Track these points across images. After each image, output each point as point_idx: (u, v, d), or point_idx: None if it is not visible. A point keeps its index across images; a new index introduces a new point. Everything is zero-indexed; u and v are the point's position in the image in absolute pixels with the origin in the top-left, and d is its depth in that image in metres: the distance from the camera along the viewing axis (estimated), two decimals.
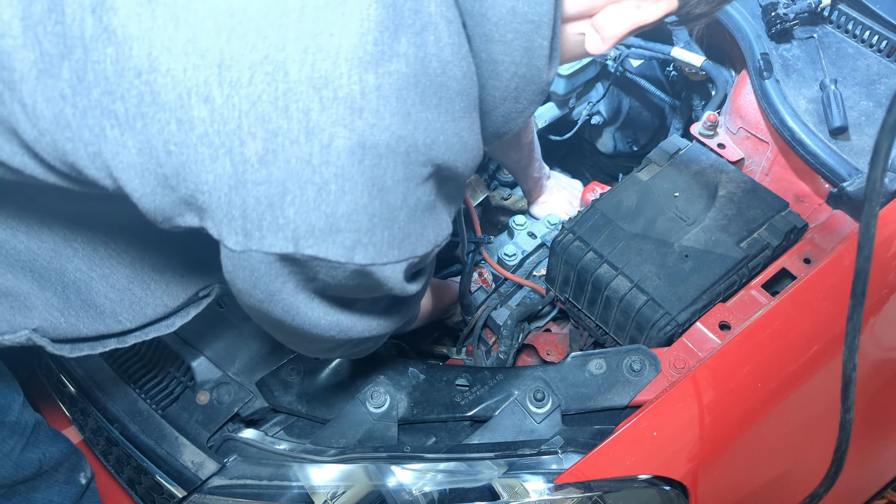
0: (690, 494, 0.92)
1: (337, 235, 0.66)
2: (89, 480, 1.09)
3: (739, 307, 1.02)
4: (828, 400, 0.90)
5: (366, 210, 0.65)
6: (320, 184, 0.63)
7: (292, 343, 0.88)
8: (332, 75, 0.61)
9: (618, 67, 1.55)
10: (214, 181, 0.63)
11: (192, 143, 0.62)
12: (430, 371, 1.09)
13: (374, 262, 0.69)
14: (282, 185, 0.63)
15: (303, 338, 0.81)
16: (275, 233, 0.65)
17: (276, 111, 0.61)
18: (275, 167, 0.62)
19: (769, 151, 1.23)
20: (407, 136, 0.64)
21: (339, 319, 0.78)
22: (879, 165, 0.58)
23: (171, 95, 0.61)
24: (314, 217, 0.64)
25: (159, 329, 0.95)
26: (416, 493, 0.93)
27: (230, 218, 0.65)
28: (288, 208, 0.64)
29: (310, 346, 0.86)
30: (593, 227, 1.12)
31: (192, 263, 0.93)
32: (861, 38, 1.25)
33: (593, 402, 0.99)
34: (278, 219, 0.64)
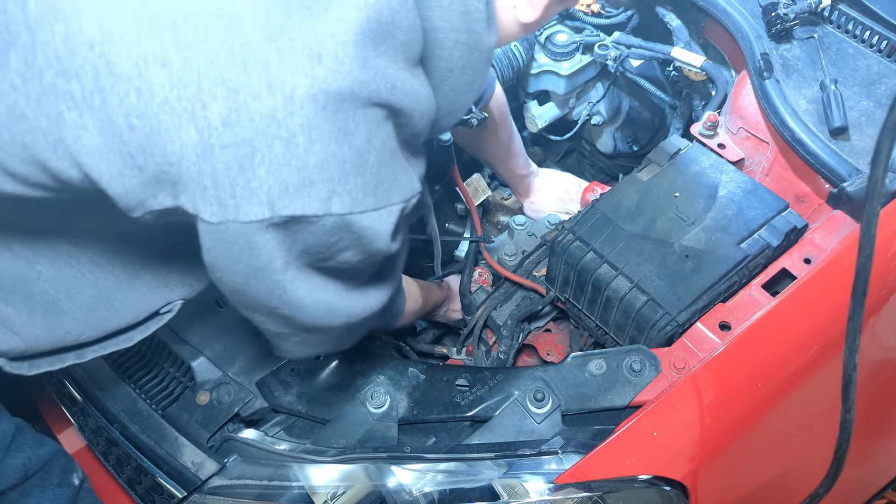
0: (690, 494, 0.92)
1: (311, 188, 0.64)
2: (82, 481, 1.09)
3: (739, 307, 1.02)
4: (828, 400, 0.90)
5: (335, 158, 0.64)
6: (287, 137, 0.62)
7: (279, 336, 0.85)
8: (286, 25, 0.60)
9: (618, 67, 1.55)
10: (181, 150, 0.61)
11: (154, 113, 0.60)
12: (430, 371, 1.09)
13: (351, 211, 0.67)
14: (249, 144, 0.61)
15: (289, 324, 0.80)
16: (249, 198, 0.63)
17: (234, 68, 0.60)
18: (240, 127, 0.61)
19: (769, 151, 1.23)
20: (368, 80, 0.64)
21: (324, 297, 0.77)
22: (880, 165, 0.58)
23: (127, 64, 0.59)
24: (286, 173, 0.63)
25: (118, 343, 0.93)
26: (416, 494, 0.93)
27: (202, 188, 0.63)
28: (258, 168, 0.62)
29: (296, 338, 0.85)
30: (593, 227, 1.12)
31: (156, 280, 0.91)
32: (861, 38, 1.25)
33: (593, 403, 0.98)
34: (251, 182, 0.63)
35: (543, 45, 1.59)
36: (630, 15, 1.56)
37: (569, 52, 1.57)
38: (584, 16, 1.57)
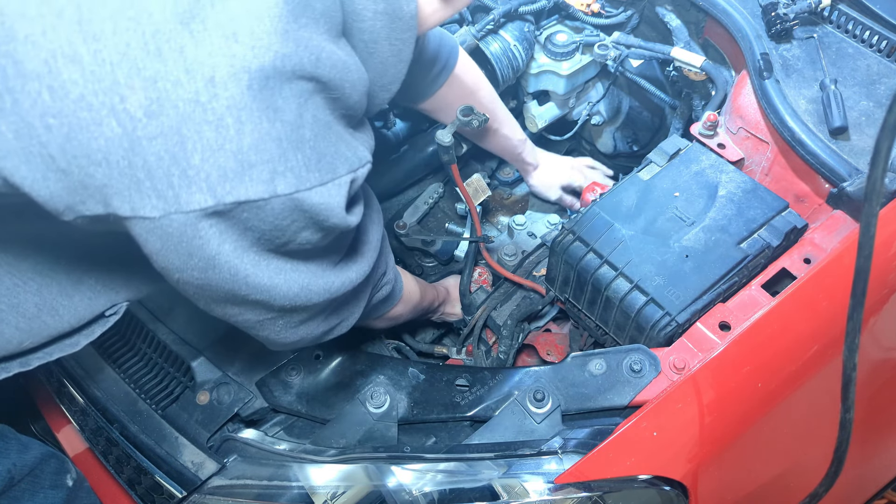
0: (690, 494, 0.92)
1: (252, 171, 0.63)
2: (76, 481, 1.09)
3: (739, 307, 1.02)
4: (828, 400, 0.90)
5: (270, 136, 0.63)
6: (216, 121, 0.60)
7: (262, 324, 0.82)
8: (195, 7, 0.59)
9: (618, 67, 1.55)
10: (106, 147, 0.59)
11: (71, 111, 0.58)
12: (430, 371, 1.09)
13: (297, 189, 0.65)
14: (177, 133, 0.60)
15: (267, 308, 0.77)
16: (188, 187, 0.61)
17: (148, 56, 0.58)
18: (164, 116, 0.59)
19: (769, 151, 1.23)
20: (290, 54, 0.62)
21: (295, 278, 0.75)
22: (880, 165, 0.58)
23: (35, 63, 0.57)
24: (222, 158, 0.61)
25: (63, 349, 0.91)
26: (416, 494, 0.93)
27: (137, 182, 0.61)
28: (192, 156, 0.60)
29: (281, 321, 0.82)
30: (593, 227, 1.12)
31: (101, 284, 0.89)
32: (861, 38, 1.25)
33: (593, 402, 0.99)
34: (187, 171, 0.61)
35: (543, 45, 1.59)
36: (630, 15, 1.56)
37: (569, 52, 1.57)
38: (584, 16, 1.57)
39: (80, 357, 1.20)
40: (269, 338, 0.86)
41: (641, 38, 1.50)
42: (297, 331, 0.86)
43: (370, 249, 0.89)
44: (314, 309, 0.82)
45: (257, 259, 0.70)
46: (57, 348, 0.91)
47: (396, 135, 1.71)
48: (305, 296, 0.77)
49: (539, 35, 1.59)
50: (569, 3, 1.56)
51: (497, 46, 1.48)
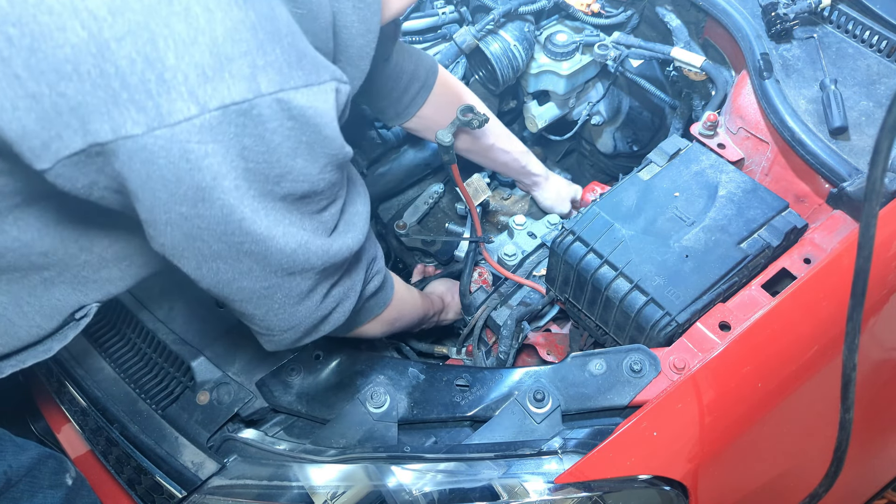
0: (690, 494, 0.92)
1: (230, 66, 0.59)
2: (76, 480, 1.08)
3: (739, 307, 1.02)
4: (828, 400, 0.90)
5: (244, 24, 0.59)
6: (183, 11, 0.57)
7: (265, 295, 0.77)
8: None
9: (618, 67, 1.55)
10: (74, 55, 0.55)
11: (31, 15, 0.54)
12: (430, 371, 1.09)
13: (282, 87, 0.61)
14: (146, 29, 0.56)
15: (264, 265, 0.72)
16: (168, 94, 0.57)
17: None
18: (129, 12, 0.56)
19: (769, 151, 1.23)
20: None
21: (291, 232, 0.70)
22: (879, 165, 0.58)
23: None
24: (197, 54, 0.58)
25: (36, 355, 0.88)
26: (416, 493, 0.93)
27: (113, 95, 0.57)
28: (166, 55, 0.57)
29: (282, 291, 0.77)
30: (593, 227, 1.12)
31: (70, 287, 0.85)
32: (861, 38, 1.25)
33: (593, 402, 0.99)
34: (163, 74, 0.57)
35: (543, 45, 1.59)
36: (630, 15, 1.56)
37: (569, 52, 1.57)
38: (584, 16, 1.57)
39: (81, 357, 1.20)
40: (267, 320, 0.82)
41: (641, 38, 1.50)
42: (297, 309, 0.82)
43: (362, 219, 0.86)
44: (312, 275, 0.78)
45: (254, 202, 0.66)
46: (30, 355, 0.87)
47: (397, 135, 1.71)
48: (303, 254, 0.73)
49: (539, 35, 1.59)
50: (569, 3, 1.56)
51: (497, 46, 1.48)
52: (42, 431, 1.35)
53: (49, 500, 1.01)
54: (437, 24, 1.59)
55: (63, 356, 1.21)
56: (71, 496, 1.05)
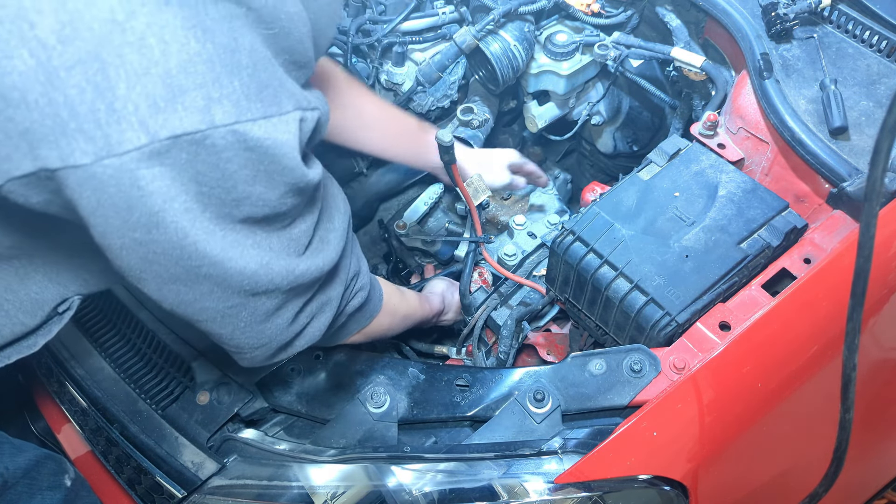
0: (690, 494, 0.92)
1: (184, 98, 0.58)
2: (75, 481, 1.08)
3: (739, 307, 1.02)
4: (828, 400, 0.90)
5: (200, 57, 0.58)
6: (136, 41, 0.55)
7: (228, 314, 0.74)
8: None
9: (618, 67, 1.55)
10: (22, 82, 0.54)
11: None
12: (430, 371, 1.09)
13: (238, 120, 0.60)
14: (96, 58, 0.55)
15: (224, 287, 0.70)
16: (118, 124, 0.56)
17: None
18: (79, 41, 0.54)
19: (769, 151, 1.23)
20: None
21: (251, 254, 0.68)
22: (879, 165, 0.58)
23: None
24: (149, 84, 0.56)
25: (21, 350, 0.87)
26: (416, 493, 0.93)
27: (61, 124, 0.56)
28: (117, 84, 0.55)
29: (247, 310, 0.75)
30: (593, 227, 1.12)
31: (47, 278, 0.84)
32: (861, 38, 1.25)
33: (593, 402, 0.99)
34: (114, 103, 0.56)
35: (543, 45, 1.59)
36: (630, 15, 1.56)
37: (569, 52, 1.57)
38: (584, 16, 1.57)
39: (81, 357, 1.20)
40: (234, 339, 0.79)
41: (641, 38, 1.50)
42: (265, 328, 0.79)
43: (337, 237, 0.84)
44: (279, 294, 0.76)
45: (209, 224, 0.64)
46: (14, 350, 0.86)
47: None
48: (266, 274, 0.71)
49: (539, 35, 1.59)
50: (569, 3, 1.56)
51: (497, 46, 1.48)
52: (42, 431, 1.35)
53: (47, 501, 1.01)
54: (437, 24, 1.59)
55: (63, 356, 1.21)
56: (70, 497, 1.05)
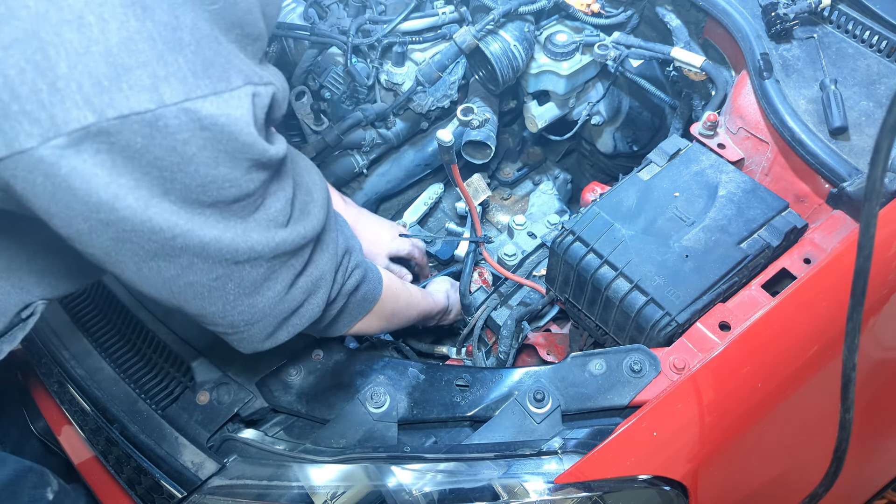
0: (690, 494, 0.92)
1: (128, 76, 0.56)
2: (57, 493, 1.06)
3: (739, 307, 1.02)
4: (828, 400, 0.90)
5: (141, 35, 0.57)
6: (75, 19, 0.55)
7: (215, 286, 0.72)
8: None
9: (618, 67, 1.55)
10: None
11: None
12: (430, 371, 1.09)
13: (187, 97, 0.59)
14: (34, 37, 0.54)
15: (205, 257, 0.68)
16: (62, 103, 0.55)
17: None
18: (16, 20, 0.53)
19: (769, 151, 1.23)
20: None
21: (223, 227, 0.67)
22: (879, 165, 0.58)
23: None
24: (91, 63, 0.55)
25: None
26: (416, 494, 0.93)
27: (3, 106, 0.54)
28: (57, 64, 0.54)
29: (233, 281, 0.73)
30: (593, 227, 1.12)
31: (8, 283, 0.82)
32: (861, 38, 1.25)
33: (593, 402, 0.99)
34: (55, 83, 0.54)
35: (543, 45, 1.59)
36: (630, 15, 1.56)
37: (569, 52, 1.57)
38: (584, 16, 1.57)
39: (81, 357, 1.20)
40: (227, 315, 0.77)
41: (641, 38, 1.50)
42: (256, 300, 0.77)
43: (318, 207, 0.82)
44: (263, 263, 0.74)
45: (176, 208, 0.63)
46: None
47: (397, 135, 1.71)
48: (244, 242, 0.70)
49: (539, 35, 1.59)
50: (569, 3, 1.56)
51: (497, 46, 1.48)
52: (42, 431, 1.35)
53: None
54: (437, 24, 1.58)
55: (63, 356, 1.21)
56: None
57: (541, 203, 1.73)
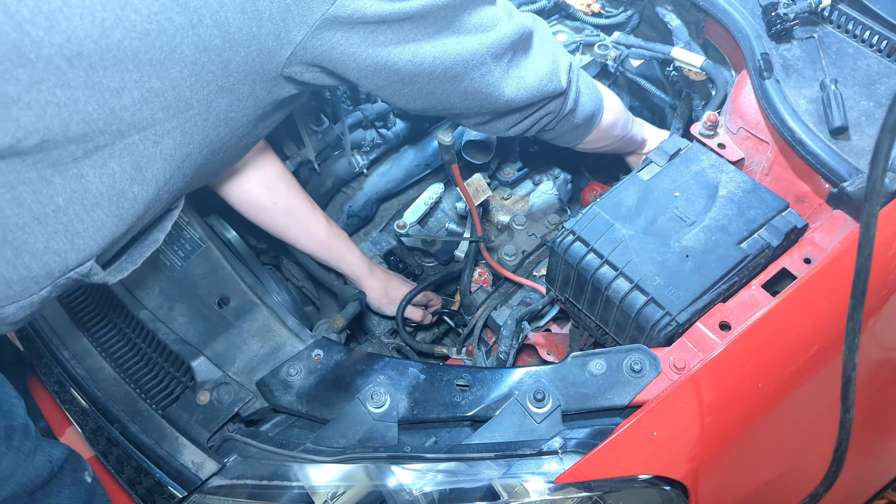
0: (690, 494, 0.92)
1: None
2: (94, 478, 1.09)
3: (739, 307, 1.02)
4: (828, 400, 0.90)
5: None
6: None
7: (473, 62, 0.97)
8: None
9: (618, 67, 1.55)
10: None
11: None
12: (430, 371, 1.09)
13: None
14: None
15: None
16: None
17: None
18: None
19: (769, 151, 1.23)
20: None
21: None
22: (880, 165, 0.58)
23: None
24: None
25: (147, 247, 0.96)
26: (416, 493, 0.93)
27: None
28: None
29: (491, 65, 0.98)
30: (593, 227, 1.12)
31: (175, 179, 0.92)
32: (861, 38, 1.25)
33: (593, 402, 0.99)
34: None
35: None
36: (630, 15, 1.56)
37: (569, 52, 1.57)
38: (584, 16, 1.57)
39: (81, 357, 1.20)
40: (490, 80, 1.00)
41: (641, 38, 1.50)
42: (510, 75, 1.02)
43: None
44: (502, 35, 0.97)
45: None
46: (138, 251, 0.98)
47: (397, 135, 1.71)
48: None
49: None
50: (569, 3, 1.56)
51: None
52: (42, 431, 1.35)
53: (74, 497, 1.01)
54: None
55: (63, 356, 1.21)
56: (90, 495, 1.05)
57: (541, 203, 1.72)
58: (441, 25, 0.92)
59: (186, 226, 1.30)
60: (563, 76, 1.11)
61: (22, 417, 0.99)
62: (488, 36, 0.97)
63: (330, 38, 0.87)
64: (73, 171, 0.83)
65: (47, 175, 0.81)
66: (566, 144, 1.30)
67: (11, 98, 0.75)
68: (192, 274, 1.25)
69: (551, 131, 1.21)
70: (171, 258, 1.27)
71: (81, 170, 0.83)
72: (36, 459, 0.97)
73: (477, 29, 0.95)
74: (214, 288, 1.23)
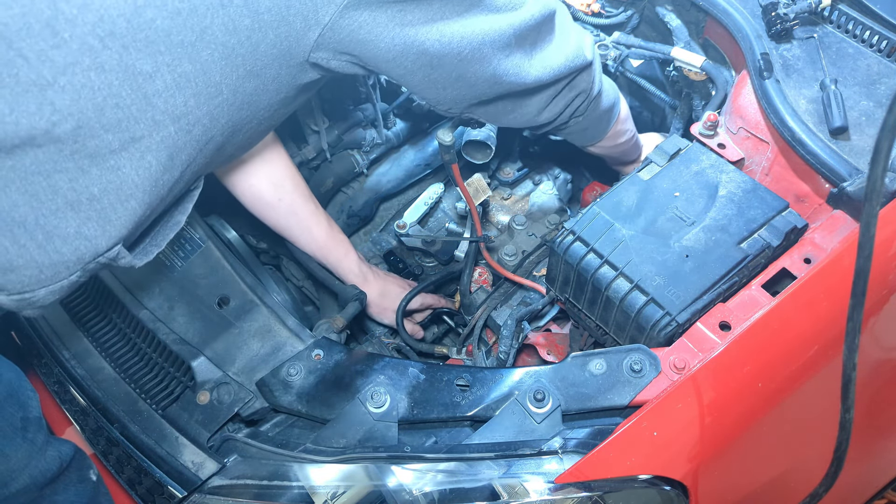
0: (690, 494, 0.92)
1: None
2: (98, 477, 1.09)
3: (740, 307, 1.02)
4: (828, 400, 0.90)
5: None
6: None
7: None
8: None
9: (618, 67, 1.55)
10: None
11: None
12: (430, 371, 1.09)
13: None
14: None
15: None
16: None
17: None
18: None
19: (769, 151, 1.23)
20: None
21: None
22: (880, 165, 0.58)
23: None
24: None
25: (170, 230, 0.99)
26: (416, 493, 0.93)
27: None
28: None
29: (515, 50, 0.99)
30: (593, 227, 1.12)
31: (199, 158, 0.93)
32: (861, 38, 1.25)
33: (593, 402, 0.99)
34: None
35: None
36: (630, 15, 1.56)
37: None
38: (584, 16, 1.57)
39: (81, 357, 1.20)
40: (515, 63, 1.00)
41: (641, 38, 1.50)
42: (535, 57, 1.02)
43: None
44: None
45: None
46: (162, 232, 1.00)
47: (397, 135, 1.71)
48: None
49: None
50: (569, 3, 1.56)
51: None
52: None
53: (80, 494, 1.02)
54: None
55: (63, 356, 1.21)
56: (95, 493, 1.05)
57: (541, 203, 1.72)
58: (469, 3, 0.91)
59: (186, 226, 1.30)
60: (588, 51, 1.10)
61: (37, 410, 0.99)
62: (517, 15, 0.96)
63: (357, 17, 0.86)
64: (111, 162, 0.83)
65: (84, 165, 0.82)
66: (589, 140, 1.30)
67: (48, 81, 0.75)
68: (192, 274, 1.25)
69: (581, 118, 1.19)
70: (171, 258, 1.27)
71: (119, 162, 0.84)
72: (47, 454, 0.98)
73: (505, 8, 0.95)
74: (214, 288, 1.23)
